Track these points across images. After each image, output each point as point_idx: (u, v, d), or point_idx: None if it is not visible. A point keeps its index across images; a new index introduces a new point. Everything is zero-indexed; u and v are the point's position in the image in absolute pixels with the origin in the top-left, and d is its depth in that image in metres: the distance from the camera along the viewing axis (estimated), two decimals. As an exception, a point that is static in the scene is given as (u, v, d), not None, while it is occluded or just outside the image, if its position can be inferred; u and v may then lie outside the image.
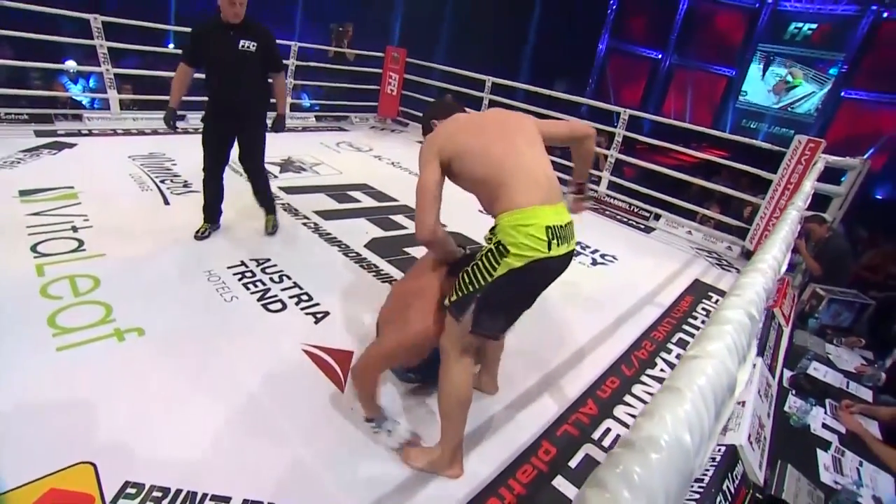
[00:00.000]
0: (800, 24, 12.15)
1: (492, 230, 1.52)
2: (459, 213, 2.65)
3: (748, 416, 1.98)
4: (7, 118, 4.47)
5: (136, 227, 3.01)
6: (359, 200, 4.14)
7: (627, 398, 2.24)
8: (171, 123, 2.87)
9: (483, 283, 1.46)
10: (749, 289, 0.66)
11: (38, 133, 4.39)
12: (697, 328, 3.03)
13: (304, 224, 3.49)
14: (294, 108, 6.35)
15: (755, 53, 12.86)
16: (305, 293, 2.60)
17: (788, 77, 12.42)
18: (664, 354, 2.64)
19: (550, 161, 1.63)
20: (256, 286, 2.59)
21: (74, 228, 2.86)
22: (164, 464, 1.54)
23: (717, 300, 3.43)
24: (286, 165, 4.66)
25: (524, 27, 13.26)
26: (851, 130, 11.35)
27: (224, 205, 3.11)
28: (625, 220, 4.93)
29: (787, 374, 2.61)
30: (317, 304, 2.52)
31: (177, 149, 4.57)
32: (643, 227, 4.82)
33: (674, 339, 2.81)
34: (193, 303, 2.39)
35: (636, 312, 3.04)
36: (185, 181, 3.86)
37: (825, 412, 2.35)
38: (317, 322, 2.39)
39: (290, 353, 2.14)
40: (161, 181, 3.79)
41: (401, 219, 3.85)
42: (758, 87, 13.02)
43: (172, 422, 1.71)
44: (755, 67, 12.94)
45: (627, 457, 0.32)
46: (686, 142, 7.31)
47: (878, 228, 5.34)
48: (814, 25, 11.96)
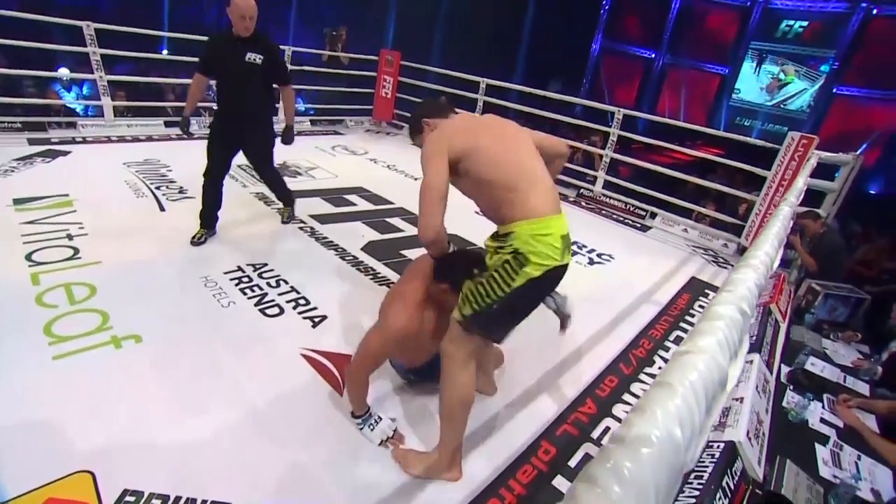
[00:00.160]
0: (791, 22, 12.21)
1: (501, 237, 1.49)
2: (458, 216, 2.65)
3: (746, 413, 1.98)
4: (0, 127, 4.45)
5: (132, 234, 3.00)
6: (355, 204, 4.14)
7: (626, 397, 2.25)
8: (186, 129, 3.01)
9: (501, 294, 1.44)
10: (741, 285, 0.66)
11: (32, 141, 4.38)
12: (694, 325, 3.04)
13: (301, 228, 3.48)
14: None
15: (747, 51, 12.92)
16: (303, 297, 2.60)
17: (781, 75, 12.48)
18: (662, 352, 2.65)
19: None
20: (254, 291, 2.59)
21: (69, 236, 2.86)
22: (163, 471, 1.54)
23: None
24: (281, 170, 4.62)
25: (518, 29, 13.29)
26: (844, 126, 11.40)
27: (220, 211, 3.12)
28: (621, 219, 4.94)
29: (785, 370, 2.62)
30: (314, 308, 2.52)
31: (172, 155, 4.57)
32: (639, 226, 4.84)
33: (671, 337, 2.82)
34: (191, 309, 2.38)
35: (633, 311, 3.05)
36: (181, 187, 3.85)
37: (823, 407, 2.36)
38: (314, 326, 2.39)
39: (288, 358, 2.14)
40: (156, 188, 3.79)
41: (397, 221, 3.85)
42: (751, 85, 13.07)
43: (170, 428, 1.70)
44: (748, 65, 12.99)
45: (618, 452, 0.32)
46: (681, 140, 7.34)
47: (872, 223, 5.35)
48: (805, 23, 12.02)
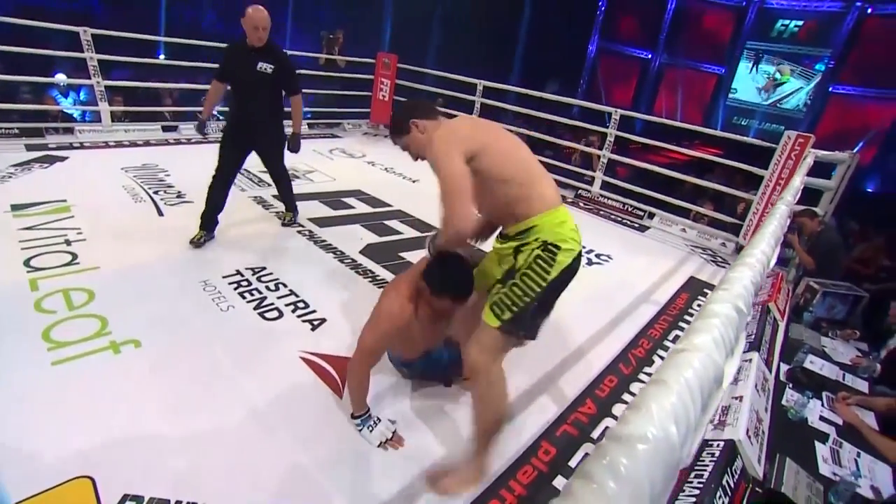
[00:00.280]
0: (786, 22, 12.28)
1: (520, 234, 1.50)
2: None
3: (746, 411, 1.99)
4: (-3, 133, 4.45)
5: (130, 239, 3.00)
6: (353, 207, 4.14)
7: (626, 397, 2.25)
8: (202, 132, 3.21)
9: (539, 289, 1.43)
10: (737, 283, 0.67)
11: (29, 147, 4.38)
12: (690, 323, 3.04)
13: (299, 232, 3.49)
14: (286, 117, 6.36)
15: (743, 51, 12.98)
16: (302, 301, 2.60)
17: (777, 74, 12.53)
18: (661, 352, 2.65)
19: (549, 155, 1.69)
20: (252, 295, 2.59)
21: (68, 242, 2.85)
22: (163, 475, 1.54)
23: (713, 296, 3.44)
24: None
25: (514, 30, 13.33)
26: (840, 125, 11.45)
27: (220, 214, 3.13)
28: (619, 220, 4.95)
29: (784, 368, 2.62)
30: (313, 312, 2.52)
31: (169, 160, 4.57)
32: (637, 226, 4.84)
33: (670, 337, 2.82)
34: (190, 313, 2.38)
35: (632, 311, 3.06)
36: (179, 192, 3.85)
37: (822, 405, 2.36)
38: (314, 329, 2.39)
39: (288, 361, 2.14)
40: (154, 192, 3.78)
41: (395, 224, 3.86)
42: (747, 85, 13.12)
43: (170, 433, 1.70)
44: (744, 65, 13.05)
45: (614, 448, 0.33)
46: (678, 140, 7.35)
47: (869, 221, 5.37)
48: (800, 22, 12.08)
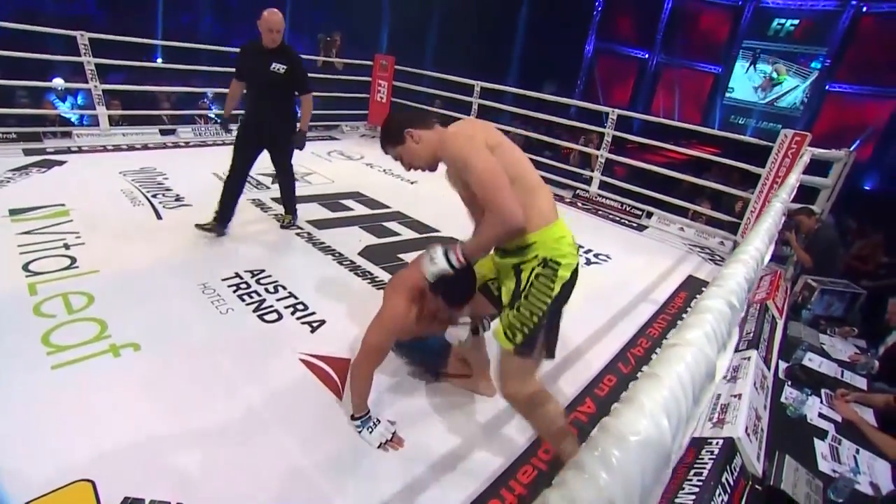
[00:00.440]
0: (782, 21, 12.31)
1: (520, 250, 1.46)
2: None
3: (745, 409, 1.99)
4: (-5, 138, 4.45)
5: (129, 243, 3.01)
6: (351, 209, 4.15)
7: (625, 396, 2.25)
8: (226, 129, 3.49)
9: (545, 307, 1.43)
10: (730, 279, 0.67)
11: (27, 151, 4.38)
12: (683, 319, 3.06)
13: (298, 234, 3.49)
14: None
15: (740, 50, 13.02)
16: (301, 303, 2.60)
17: (773, 74, 12.57)
18: (660, 351, 2.66)
19: (548, 156, 1.67)
20: (252, 297, 2.59)
21: (66, 246, 2.86)
22: (163, 478, 1.54)
23: (711, 295, 3.45)
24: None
25: (511, 31, 13.36)
26: (837, 123, 11.48)
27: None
28: (617, 219, 4.96)
29: (783, 366, 2.62)
30: (313, 314, 2.52)
31: (168, 163, 4.57)
32: (636, 226, 4.85)
33: (669, 336, 2.82)
34: (189, 316, 2.38)
35: (631, 310, 3.06)
36: (177, 195, 3.85)
37: (821, 402, 2.37)
38: (313, 331, 2.39)
39: (288, 363, 2.14)
40: (153, 196, 3.79)
41: (394, 225, 3.86)
42: (744, 84, 13.16)
43: (170, 436, 1.70)
44: (740, 64, 13.09)
45: (606, 440, 0.33)
46: (676, 140, 7.36)
47: (867, 218, 5.39)
48: (796, 21, 12.12)
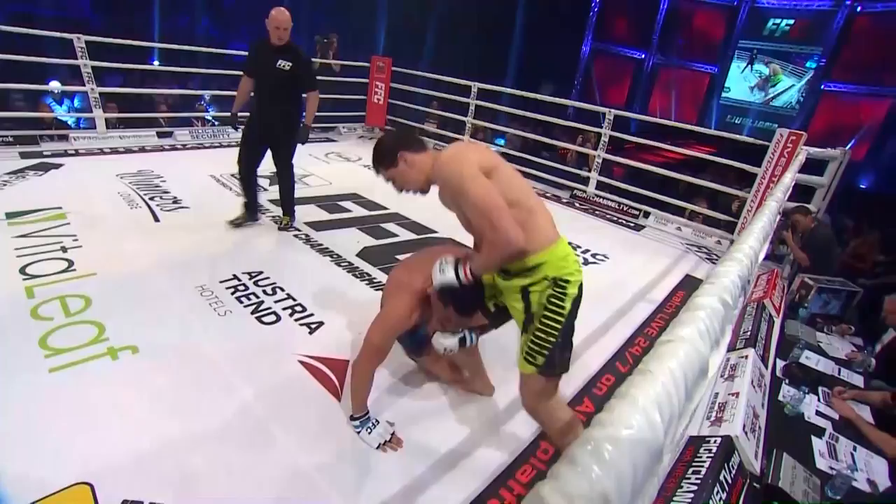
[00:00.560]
0: (778, 20, 12.38)
1: (527, 271, 1.46)
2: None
3: (742, 407, 2.00)
4: (-8, 141, 4.44)
5: (127, 246, 3.00)
6: (349, 210, 4.15)
7: (623, 394, 2.25)
8: (234, 125, 3.47)
9: (560, 326, 1.45)
10: (724, 277, 0.68)
11: (24, 154, 4.37)
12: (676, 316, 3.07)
13: (296, 236, 3.49)
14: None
15: (735, 50, 13.07)
16: (299, 304, 2.60)
17: (769, 73, 12.63)
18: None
19: (545, 156, 1.66)
20: (250, 299, 2.59)
21: (64, 249, 2.85)
22: (162, 480, 1.54)
23: (708, 294, 3.46)
24: (275, 178, 4.65)
25: (508, 32, 13.39)
26: (833, 122, 11.54)
27: (214, 219, 3.18)
28: (614, 219, 4.97)
29: (780, 364, 2.64)
30: (311, 315, 2.52)
31: (165, 166, 4.57)
32: (633, 226, 4.87)
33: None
34: (187, 318, 2.38)
35: (629, 310, 3.07)
36: (175, 197, 3.85)
37: (818, 400, 2.38)
38: (311, 332, 2.39)
39: (286, 365, 2.14)
40: (150, 198, 3.78)
41: (392, 227, 3.86)
42: (740, 84, 13.22)
43: (169, 438, 1.70)
44: (736, 64, 13.15)
45: (599, 434, 0.34)
46: (673, 139, 7.38)
47: (863, 217, 5.41)
48: (791, 21, 12.18)
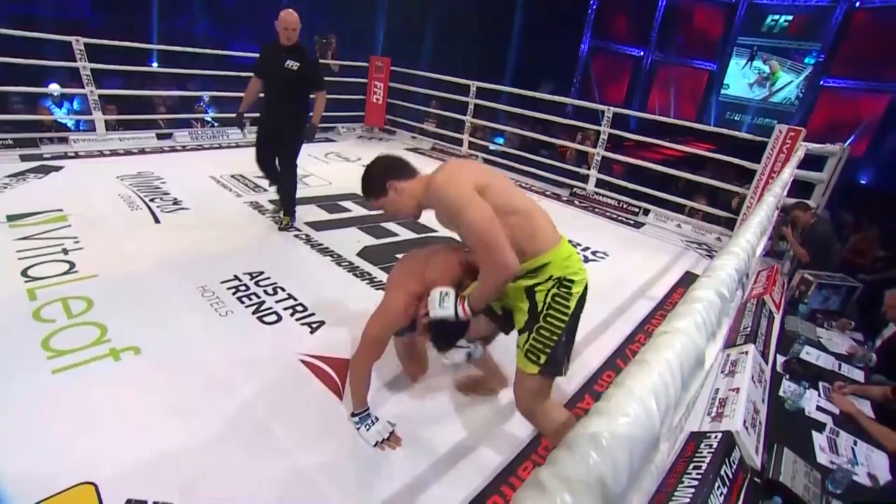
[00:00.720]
0: (776, 17, 12.37)
1: (532, 273, 1.48)
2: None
3: (743, 403, 2.01)
4: (-9, 144, 4.44)
5: (128, 247, 3.01)
6: (349, 210, 4.15)
7: (624, 391, 2.26)
8: (240, 126, 3.54)
9: (563, 324, 1.47)
10: (720, 271, 0.68)
11: (24, 157, 4.37)
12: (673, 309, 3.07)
13: (296, 236, 3.50)
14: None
15: (734, 47, 13.07)
16: (300, 304, 2.61)
17: (767, 70, 12.62)
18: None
19: (545, 155, 1.69)
20: (251, 299, 2.60)
21: (65, 251, 2.86)
22: (166, 480, 1.54)
23: (709, 290, 3.47)
24: (275, 178, 4.66)
25: (507, 31, 13.39)
26: (833, 118, 11.53)
27: (214, 220, 3.20)
28: (614, 217, 4.97)
29: (781, 360, 2.64)
30: (312, 314, 2.53)
31: (165, 167, 4.57)
32: (633, 223, 4.87)
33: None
34: (188, 319, 2.39)
35: (629, 307, 3.08)
36: (175, 199, 3.86)
37: (819, 395, 2.38)
38: (312, 332, 2.40)
39: (288, 364, 2.15)
40: (150, 200, 3.79)
41: (392, 226, 3.87)
42: (739, 80, 13.21)
43: (171, 437, 1.71)
44: (735, 61, 13.14)
45: (597, 422, 0.34)
46: (672, 137, 7.38)
47: (863, 213, 5.41)
48: (790, 17, 12.17)
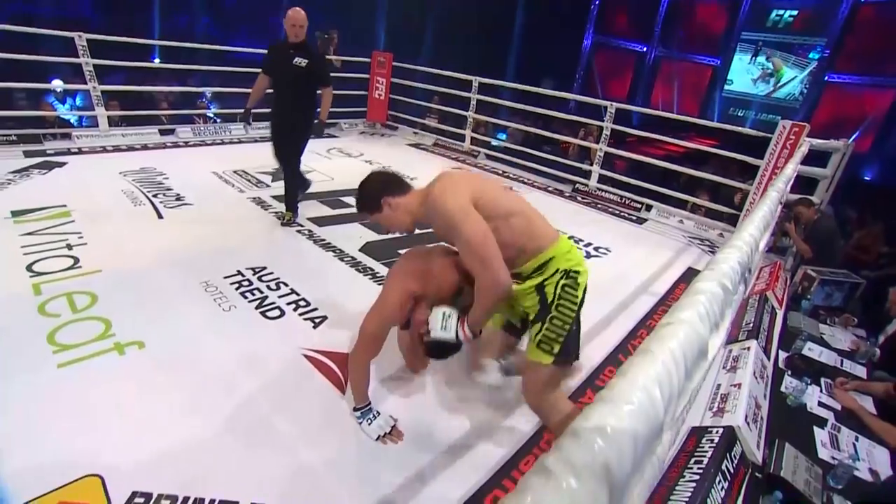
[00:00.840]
0: (781, 11, 12.27)
1: (538, 270, 1.55)
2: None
3: (744, 398, 2.01)
4: (-5, 140, 4.46)
5: (131, 242, 3.02)
6: (351, 205, 4.12)
7: (626, 386, 2.27)
8: (246, 122, 3.58)
9: (573, 313, 1.55)
10: (723, 263, 0.69)
11: (28, 153, 4.39)
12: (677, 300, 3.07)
13: (299, 231, 3.50)
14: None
15: (738, 42, 12.98)
16: (303, 299, 2.62)
17: (770, 66, 12.53)
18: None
19: (547, 150, 1.77)
20: (254, 294, 2.61)
21: (69, 246, 2.87)
22: (171, 472, 1.56)
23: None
24: (278, 174, 4.66)
25: (509, 27, 13.34)
26: (837, 113, 11.46)
27: (217, 215, 3.23)
28: (617, 213, 4.97)
29: (783, 356, 2.64)
30: (315, 309, 2.54)
31: (167, 163, 4.58)
32: (635, 219, 4.86)
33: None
34: (192, 314, 2.40)
35: (631, 302, 3.08)
36: (178, 194, 3.87)
37: (821, 391, 2.39)
38: (315, 327, 2.41)
39: (291, 359, 2.16)
40: (153, 195, 3.80)
41: (394, 221, 3.87)
42: (743, 76, 13.13)
43: (176, 431, 1.72)
44: (739, 56, 13.06)
45: (601, 410, 0.35)
46: (675, 132, 7.36)
47: (867, 209, 5.38)
48: (794, 12, 12.07)
